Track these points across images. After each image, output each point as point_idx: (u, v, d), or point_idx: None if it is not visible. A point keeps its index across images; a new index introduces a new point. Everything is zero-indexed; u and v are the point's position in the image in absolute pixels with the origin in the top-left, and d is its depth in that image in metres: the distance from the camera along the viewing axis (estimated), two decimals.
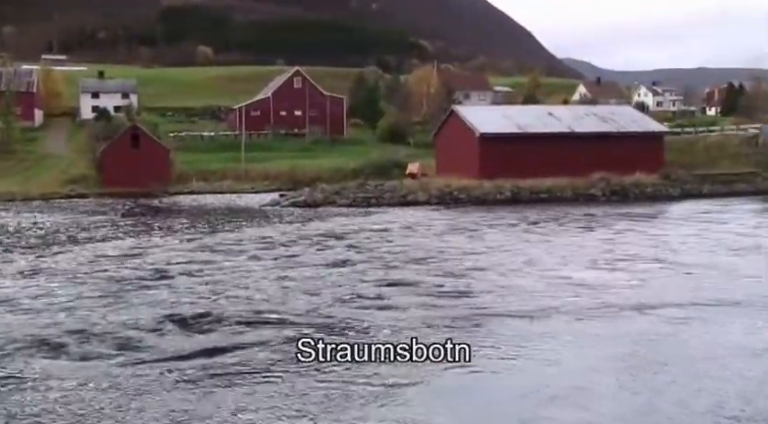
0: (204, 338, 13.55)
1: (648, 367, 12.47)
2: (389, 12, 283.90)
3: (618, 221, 35.61)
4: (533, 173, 52.75)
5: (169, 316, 14.91)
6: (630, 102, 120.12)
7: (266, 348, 12.79)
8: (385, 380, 11.73)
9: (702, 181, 56.70)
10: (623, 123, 60.65)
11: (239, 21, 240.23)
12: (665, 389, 11.73)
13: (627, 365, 12.40)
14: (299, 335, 13.40)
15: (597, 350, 13.14)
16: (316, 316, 15.16)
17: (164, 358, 12.13)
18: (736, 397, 11.11)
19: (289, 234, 31.95)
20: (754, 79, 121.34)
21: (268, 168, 75.45)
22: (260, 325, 14.38)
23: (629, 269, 20.86)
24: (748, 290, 18.53)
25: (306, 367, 11.64)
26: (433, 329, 13.90)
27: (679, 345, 13.80)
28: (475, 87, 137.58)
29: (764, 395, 11.37)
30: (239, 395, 10.40)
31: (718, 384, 11.75)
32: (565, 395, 10.84)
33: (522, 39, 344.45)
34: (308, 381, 11.12)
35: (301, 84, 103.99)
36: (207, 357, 12.21)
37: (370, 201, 50.87)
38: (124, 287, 18.62)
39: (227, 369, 11.58)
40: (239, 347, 12.82)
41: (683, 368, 12.59)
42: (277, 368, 11.69)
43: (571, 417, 9.98)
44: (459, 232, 31.68)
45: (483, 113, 63.25)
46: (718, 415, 10.59)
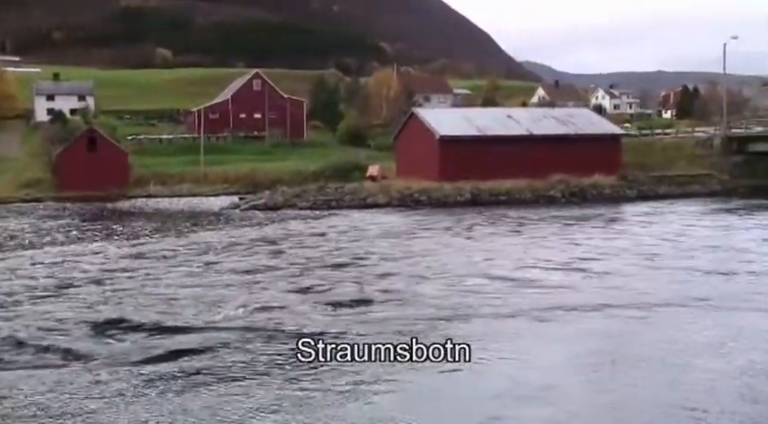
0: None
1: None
2: (350, 14, 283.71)
3: (550, 225, 35.96)
4: (493, 175, 53.06)
5: (41, 329, 14.73)
6: (588, 105, 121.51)
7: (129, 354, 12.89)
8: (356, 380, 11.85)
9: (659, 182, 57.54)
10: (581, 125, 61.28)
11: (199, 22, 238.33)
12: (625, 386, 11.85)
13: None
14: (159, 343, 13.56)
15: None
16: (196, 325, 15.09)
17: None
18: (701, 392, 11.34)
19: (233, 238, 31.84)
20: (709, 82, 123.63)
21: (227, 171, 74.86)
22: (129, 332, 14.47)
23: (517, 275, 20.88)
24: (678, 291, 19.00)
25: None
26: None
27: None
28: (435, 90, 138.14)
29: (725, 390, 11.60)
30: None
31: (682, 380, 11.99)
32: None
33: (482, 42, 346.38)
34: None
35: (261, 87, 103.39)
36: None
37: (330, 204, 50.73)
38: (14, 299, 18.17)
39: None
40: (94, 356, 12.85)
41: (632, 368, 12.75)
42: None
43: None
44: (393, 236, 31.56)
45: (443, 116, 63.43)
46: (685, 410, 10.77)
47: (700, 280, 20.97)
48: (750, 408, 10.87)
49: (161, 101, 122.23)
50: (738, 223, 36.68)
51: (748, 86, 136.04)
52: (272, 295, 18.04)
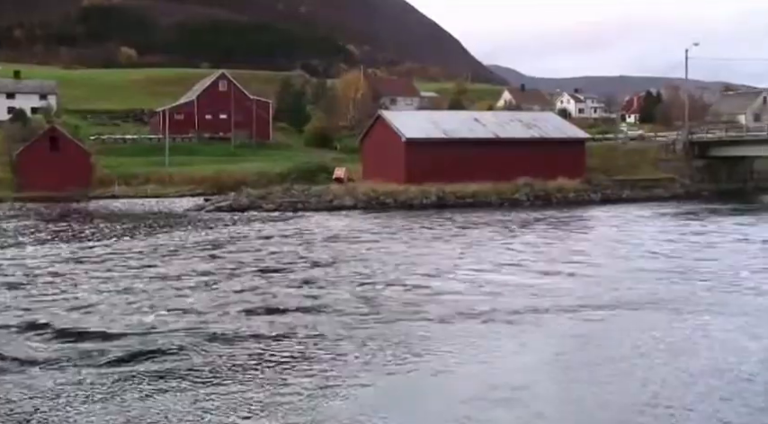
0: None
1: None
2: (317, 16, 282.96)
3: (501, 228, 36.22)
4: (459, 178, 53.24)
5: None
6: (554, 109, 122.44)
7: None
8: (326, 382, 11.96)
9: (622, 186, 58.12)
10: (546, 129, 61.72)
11: (164, 22, 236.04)
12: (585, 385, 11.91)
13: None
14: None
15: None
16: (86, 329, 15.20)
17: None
18: (666, 391, 11.58)
19: (181, 241, 31.62)
20: (672, 88, 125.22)
21: (193, 172, 74.15)
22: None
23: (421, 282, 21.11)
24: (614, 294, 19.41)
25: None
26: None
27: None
28: (402, 92, 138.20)
29: (687, 388, 11.83)
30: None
31: (647, 380, 12.25)
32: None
33: (449, 46, 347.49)
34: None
35: (227, 88, 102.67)
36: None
37: (296, 206, 50.51)
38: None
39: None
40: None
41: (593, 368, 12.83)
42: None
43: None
44: (336, 241, 31.36)
45: (409, 118, 63.51)
46: (652, 406, 10.89)
47: (657, 283, 21.23)
48: (712, 406, 11.08)
49: (125, 101, 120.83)
50: (698, 227, 37.21)
51: (710, 92, 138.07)
52: (183, 302, 18.01)
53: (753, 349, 14.19)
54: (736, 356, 13.76)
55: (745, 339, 15.01)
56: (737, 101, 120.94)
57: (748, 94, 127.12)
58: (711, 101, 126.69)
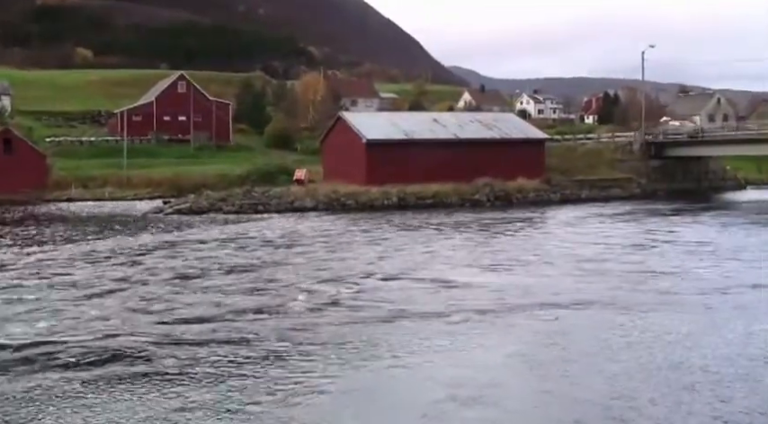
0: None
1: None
2: (276, 17, 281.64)
3: (428, 230, 36.28)
4: (420, 179, 53.43)
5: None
6: (513, 110, 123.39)
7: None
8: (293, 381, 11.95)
9: (581, 186, 58.82)
10: (506, 130, 62.15)
11: (120, 22, 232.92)
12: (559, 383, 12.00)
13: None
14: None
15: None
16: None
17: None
18: (628, 387, 11.70)
19: (121, 245, 31.17)
20: (629, 89, 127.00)
21: (151, 174, 73.30)
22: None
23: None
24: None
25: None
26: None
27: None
28: (362, 94, 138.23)
29: (652, 385, 11.97)
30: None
31: (611, 376, 12.41)
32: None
33: (409, 47, 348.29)
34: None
35: (186, 89, 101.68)
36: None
37: (256, 208, 50.26)
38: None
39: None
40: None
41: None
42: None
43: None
44: (272, 246, 30.81)
45: (369, 119, 63.52)
46: (619, 402, 11.01)
47: (619, 282, 21.55)
48: (674, 398, 11.27)
49: (82, 102, 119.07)
50: (654, 226, 37.87)
51: (666, 93, 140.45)
52: (77, 311, 17.66)
53: (712, 344, 14.45)
54: (694, 351, 14.01)
55: (704, 334, 15.29)
56: (692, 102, 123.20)
57: (703, 96, 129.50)
58: (668, 102, 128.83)
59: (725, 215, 44.31)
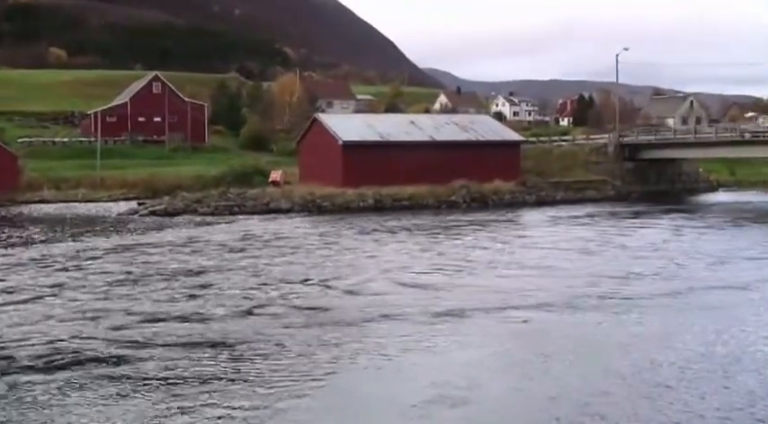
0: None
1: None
2: (252, 18, 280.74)
3: (389, 234, 36.07)
4: (396, 181, 53.42)
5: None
6: (489, 112, 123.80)
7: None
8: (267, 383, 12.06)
9: (556, 188, 59.13)
10: (482, 132, 62.32)
11: (94, 22, 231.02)
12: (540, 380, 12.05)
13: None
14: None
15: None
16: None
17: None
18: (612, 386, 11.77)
19: (78, 249, 30.75)
20: (603, 92, 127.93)
21: (126, 176, 72.66)
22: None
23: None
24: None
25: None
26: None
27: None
28: (338, 95, 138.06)
29: (628, 384, 12.21)
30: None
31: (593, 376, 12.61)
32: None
33: (386, 49, 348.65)
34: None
35: (161, 90, 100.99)
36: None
37: (232, 210, 50.03)
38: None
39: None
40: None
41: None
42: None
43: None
44: (227, 250, 30.43)
45: (345, 121, 63.44)
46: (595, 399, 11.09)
47: (596, 283, 21.76)
48: (655, 401, 11.39)
49: (55, 102, 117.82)
50: (627, 228, 38.23)
51: (640, 96, 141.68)
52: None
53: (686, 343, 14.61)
54: (662, 351, 14.17)
55: (675, 334, 15.47)
56: (666, 105, 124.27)
57: (676, 99, 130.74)
58: (642, 104, 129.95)
59: (696, 217, 44.77)
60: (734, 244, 30.93)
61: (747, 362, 13.62)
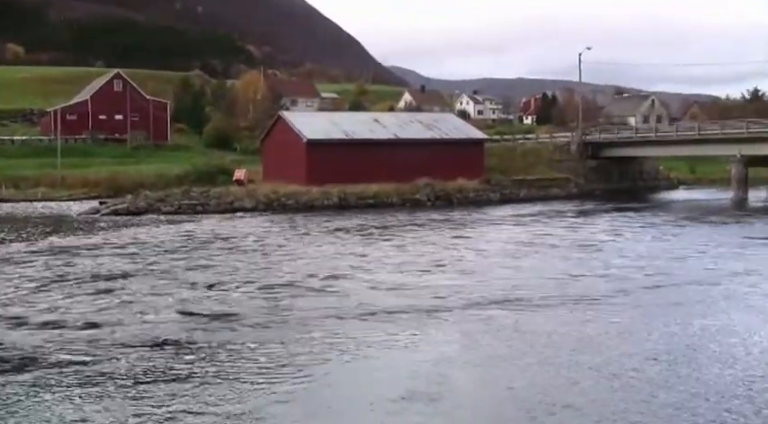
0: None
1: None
2: (215, 15, 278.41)
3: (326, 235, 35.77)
4: (360, 179, 53.39)
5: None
6: (453, 110, 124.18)
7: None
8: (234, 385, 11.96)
9: (520, 186, 59.53)
10: (446, 130, 62.51)
11: (54, 18, 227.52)
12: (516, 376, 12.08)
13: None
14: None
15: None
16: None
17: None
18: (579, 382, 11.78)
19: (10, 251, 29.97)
20: (567, 90, 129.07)
21: (87, 174, 71.62)
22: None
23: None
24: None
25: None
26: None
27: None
28: (302, 93, 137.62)
29: (596, 380, 12.30)
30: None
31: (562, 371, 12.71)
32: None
33: (350, 47, 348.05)
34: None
35: (122, 87, 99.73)
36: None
37: (195, 208, 49.63)
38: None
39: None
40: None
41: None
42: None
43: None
44: (161, 253, 29.63)
45: (310, 119, 63.28)
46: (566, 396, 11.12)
47: (560, 280, 21.96)
48: (618, 394, 11.53)
49: (13, 100, 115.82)
50: (589, 226, 38.64)
51: (603, 94, 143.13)
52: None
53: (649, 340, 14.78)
54: (625, 348, 14.32)
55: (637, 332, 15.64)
56: (628, 103, 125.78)
57: (637, 97, 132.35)
58: (604, 103, 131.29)
59: (655, 214, 45.39)
60: (687, 242, 31.39)
61: (695, 357, 13.89)
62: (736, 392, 11.81)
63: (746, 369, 13.02)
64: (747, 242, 31.08)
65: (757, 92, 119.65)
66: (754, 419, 10.66)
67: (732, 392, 11.81)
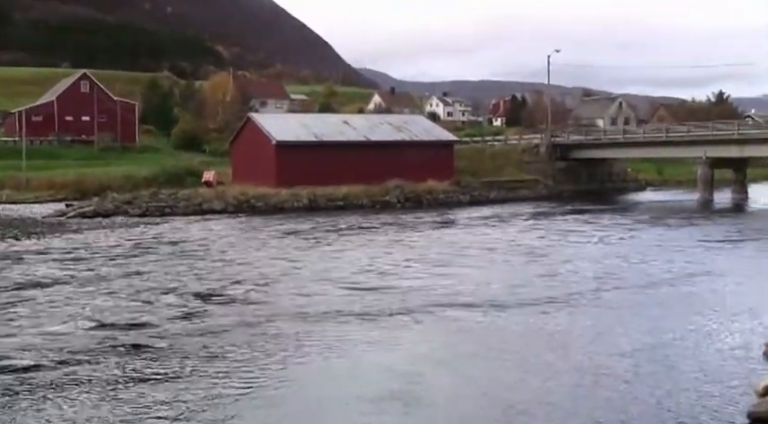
0: None
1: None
2: (185, 16, 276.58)
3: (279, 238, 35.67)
4: (330, 181, 53.29)
5: None
6: (423, 112, 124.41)
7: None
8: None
9: (490, 187, 59.77)
10: (416, 132, 62.60)
11: (19, 18, 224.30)
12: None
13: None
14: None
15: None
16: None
17: None
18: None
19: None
20: (536, 92, 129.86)
21: (53, 176, 70.63)
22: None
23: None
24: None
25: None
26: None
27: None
28: (272, 95, 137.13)
29: (563, 381, 12.28)
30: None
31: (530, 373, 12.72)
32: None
33: (320, 49, 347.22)
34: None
35: (89, 88, 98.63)
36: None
37: (164, 211, 49.22)
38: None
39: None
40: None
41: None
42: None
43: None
44: (105, 257, 29.00)
45: (279, 121, 63.01)
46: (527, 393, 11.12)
47: (531, 282, 22.04)
48: (586, 392, 11.60)
49: None
50: (558, 228, 38.90)
51: (571, 97, 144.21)
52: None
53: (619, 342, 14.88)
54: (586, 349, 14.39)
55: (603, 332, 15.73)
56: (596, 106, 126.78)
57: (606, 100, 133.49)
58: (573, 105, 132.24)
59: (622, 216, 45.82)
60: (649, 243, 31.74)
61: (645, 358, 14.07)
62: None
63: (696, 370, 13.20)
64: (711, 243, 31.46)
65: (722, 94, 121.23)
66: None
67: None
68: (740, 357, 14.00)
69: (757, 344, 14.71)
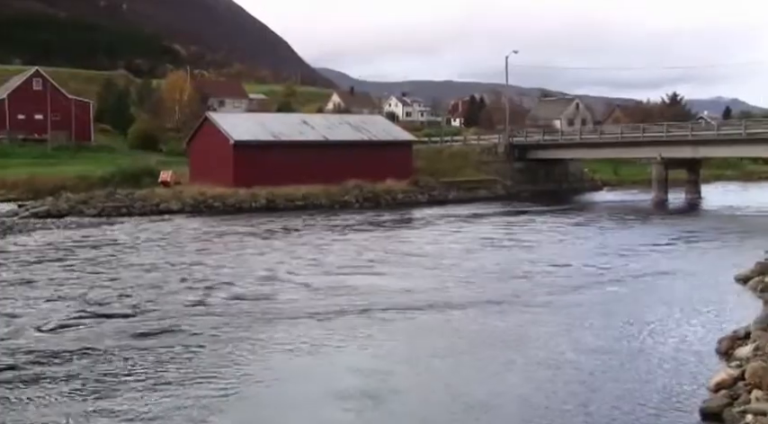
0: None
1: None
2: (141, 13, 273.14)
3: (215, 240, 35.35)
4: (289, 181, 53.06)
5: None
6: (382, 112, 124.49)
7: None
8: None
9: (448, 187, 60.02)
10: (375, 132, 62.63)
11: None
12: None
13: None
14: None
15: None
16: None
17: None
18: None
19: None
20: (494, 93, 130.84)
21: (4, 176, 69.26)
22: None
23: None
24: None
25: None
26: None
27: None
28: (230, 94, 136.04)
29: (524, 377, 12.14)
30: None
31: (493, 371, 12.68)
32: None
33: (279, 48, 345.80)
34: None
35: (42, 86, 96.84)
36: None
37: (120, 211, 48.53)
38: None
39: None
40: None
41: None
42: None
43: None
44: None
45: (237, 120, 62.53)
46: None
47: (489, 282, 22.17)
48: (546, 388, 11.60)
49: None
50: (515, 228, 39.25)
51: (529, 97, 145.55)
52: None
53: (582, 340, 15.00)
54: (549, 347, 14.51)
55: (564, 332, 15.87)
56: (553, 106, 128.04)
57: (563, 101, 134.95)
58: (530, 106, 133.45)
59: (578, 215, 46.37)
60: (603, 242, 32.21)
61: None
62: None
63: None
64: (666, 242, 31.99)
65: (676, 96, 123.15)
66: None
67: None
68: (695, 353, 14.23)
69: (711, 341, 14.97)
